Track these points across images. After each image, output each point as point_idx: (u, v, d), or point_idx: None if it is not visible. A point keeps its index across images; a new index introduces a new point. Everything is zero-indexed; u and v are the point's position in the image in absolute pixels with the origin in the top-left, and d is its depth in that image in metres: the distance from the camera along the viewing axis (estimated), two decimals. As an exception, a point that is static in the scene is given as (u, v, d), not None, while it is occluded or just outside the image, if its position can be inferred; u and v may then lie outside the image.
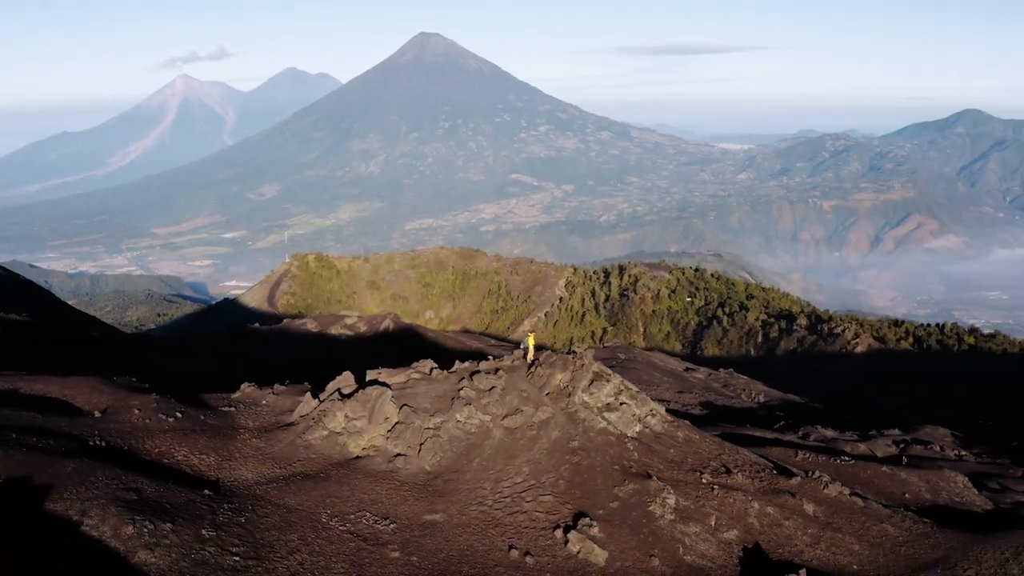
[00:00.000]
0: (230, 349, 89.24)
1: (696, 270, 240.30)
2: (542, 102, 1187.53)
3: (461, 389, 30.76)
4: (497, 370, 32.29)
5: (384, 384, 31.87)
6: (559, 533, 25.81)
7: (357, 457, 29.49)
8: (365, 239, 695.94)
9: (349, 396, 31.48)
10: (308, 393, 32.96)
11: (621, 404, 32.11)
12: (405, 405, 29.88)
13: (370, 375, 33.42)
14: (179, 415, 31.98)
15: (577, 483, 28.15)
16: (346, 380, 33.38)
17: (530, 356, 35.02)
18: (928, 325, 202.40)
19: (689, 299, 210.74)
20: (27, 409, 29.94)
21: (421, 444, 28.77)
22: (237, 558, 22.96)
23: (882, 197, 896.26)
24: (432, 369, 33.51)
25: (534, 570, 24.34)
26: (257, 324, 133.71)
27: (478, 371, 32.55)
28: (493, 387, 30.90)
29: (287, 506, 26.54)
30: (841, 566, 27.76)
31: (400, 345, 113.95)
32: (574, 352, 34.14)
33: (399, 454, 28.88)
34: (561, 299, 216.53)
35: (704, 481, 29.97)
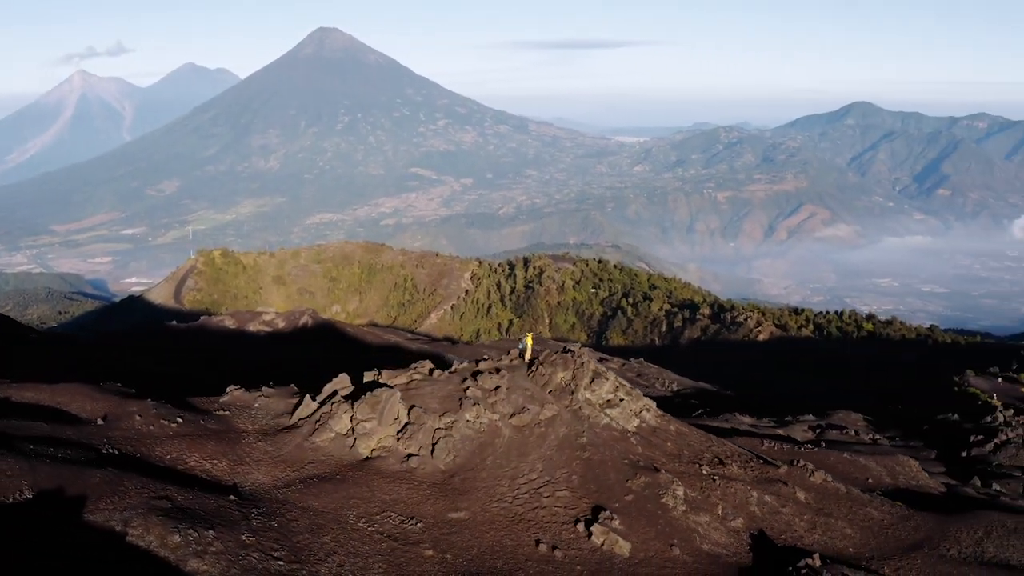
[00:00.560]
0: (174, 349, 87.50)
1: (599, 261, 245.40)
2: (441, 96, 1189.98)
3: (467, 389, 31.40)
4: (499, 370, 32.98)
5: (386, 385, 32.29)
6: (581, 527, 26.77)
7: (367, 458, 29.91)
8: (266, 234, 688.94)
9: (351, 398, 31.78)
10: (307, 396, 33.14)
11: (620, 400, 33.22)
12: (414, 406, 30.38)
13: (367, 376, 33.79)
14: (180, 420, 31.82)
15: (590, 478, 29.14)
16: (342, 382, 33.69)
17: (527, 356, 35.84)
18: (827, 313, 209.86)
19: (593, 290, 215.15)
20: (25, 418, 29.50)
21: (434, 444, 29.36)
22: (281, 562, 23.24)
23: (775, 188, 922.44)
24: (431, 370, 34.04)
25: (564, 563, 25.25)
26: (174, 322, 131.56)
27: (479, 371, 33.20)
28: (498, 387, 31.62)
29: (312, 509, 26.83)
30: (838, 549, 29.35)
31: (321, 341, 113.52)
32: (570, 351, 35.06)
33: (411, 454, 29.42)
34: (467, 292, 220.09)
35: (704, 472, 31.30)
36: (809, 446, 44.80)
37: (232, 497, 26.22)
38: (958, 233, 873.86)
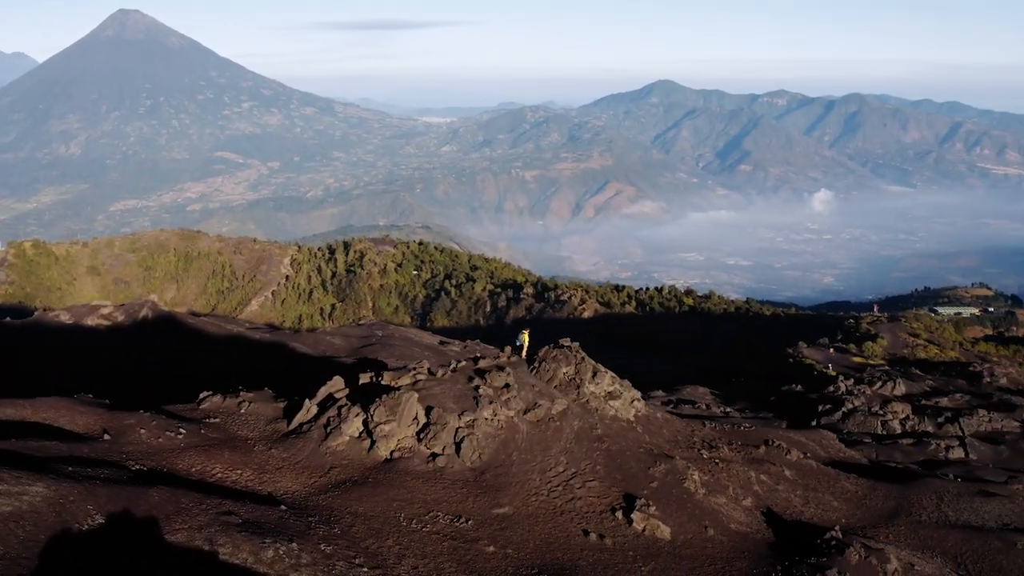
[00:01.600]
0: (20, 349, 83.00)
1: (420, 243, 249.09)
2: (245, 78, 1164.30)
3: (478, 387, 32.01)
4: (503, 368, 33.74)
5: (389, 386, 32.53)
6: (619, 515, 28.09)
7: (388, 460, 30.15)
8: (69, 222, 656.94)
9: (360, 401, 31.86)
10: (306, 400, 32.95)
11: (621, 392, 34.61)
12: (431, 406, 30.82)
13: (363, 378, 33.87)
14: (183, 431, 31.09)
15: (614, 467, 30.48)
16: (336, 384, 33.67)
17: (524, 352, 36.74)
18: (648, 289, 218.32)
19: (416, 272, 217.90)
20: (15, 437, 28.22)
21: (457, 443, 29.89)
22: (365, 569, 23.38)
23: (581, 166, 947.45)
24: (429, 369, 34.42)
25: (616, 550, 26.52)
26: (8, 319, 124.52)
27: (483, 370, 33.86)
28: (507, 384, 32.40)
29: (361, 513, 26.91)
30: (832, 521, 31.87)
31: (166, 335, 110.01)
32: (562, 346, 36.16)
33: (436, 454, 29.85)
34: (287, 277, 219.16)
35: (704, 456, 33.14)
36: (747, 424, 47.46)
37: (283, 507, 26.09)
38: (760, 207, 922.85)
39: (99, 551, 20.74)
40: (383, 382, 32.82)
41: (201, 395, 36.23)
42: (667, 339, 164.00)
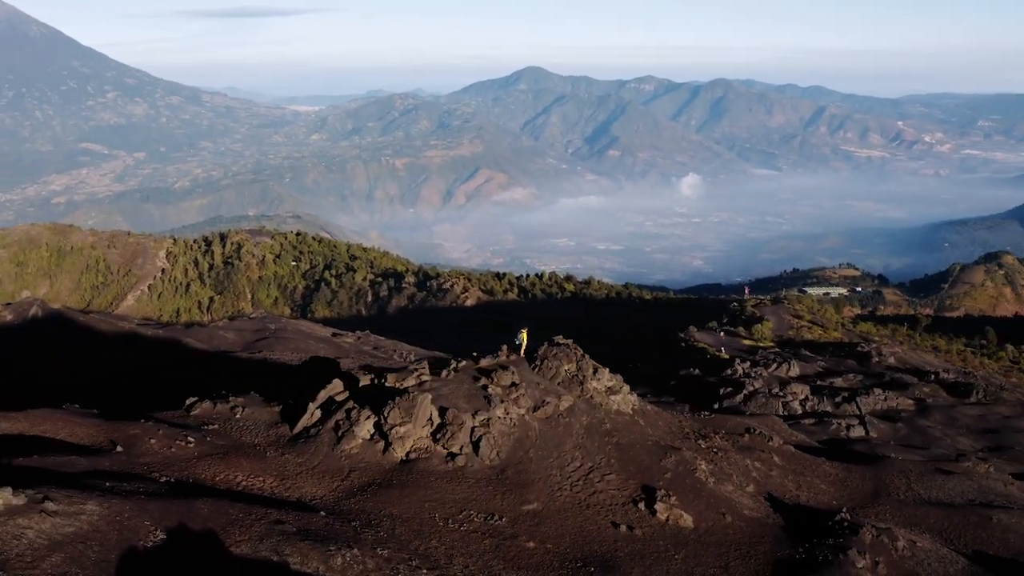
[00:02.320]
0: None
1: (298, 234, 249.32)
2: (109, 68, 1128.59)
3: (487, 387, 32.47)
4: (506, 367, 34.26)
5: (392, 388, 32.69)
6: (642, 506, 29.02)
7: (405, 461, 30.37)
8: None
9: (369, 403, 31.95)
10: (311, 403, 32.85)
11: (620, 387, 35.56)
12: (444, 407, 31.16)
13: (363, 380, 33.90)
14: (191, 440, 30.63)
15: (627, 460, 31.41)
16: (336, 387, 33.62)
17: (523, 351, 37.33)
18: (530, 275, 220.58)
19: (294, 263, 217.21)
20: (33, 452, 27.42)
21: (474, 442, 30.31)
22: (424, 571, 23.65)
23: (451, 153, 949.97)
24: (432, 369, 34.68)
25: (647, 540, 27.47)
26: None
27: (487, 369, 34.31)
28: (514, 383, 32.95)
29: (398, 516, 27.01)
30: (826, 503, 33.57)
31: (56, 333, 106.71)
32: (558, 344, 36.90)
33: (454, 453, 30.21)
34: (164, 271, 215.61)
35: (702, 446, 34.36)
36: (706, 413, 49.03)
37: (322, 513, 26.09)
38: (629, 192, 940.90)
39: (172, 568, 20.55)
40: (387, 384, 32.91)
41: (188, 401, 35.66)
42: (552, 325, 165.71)
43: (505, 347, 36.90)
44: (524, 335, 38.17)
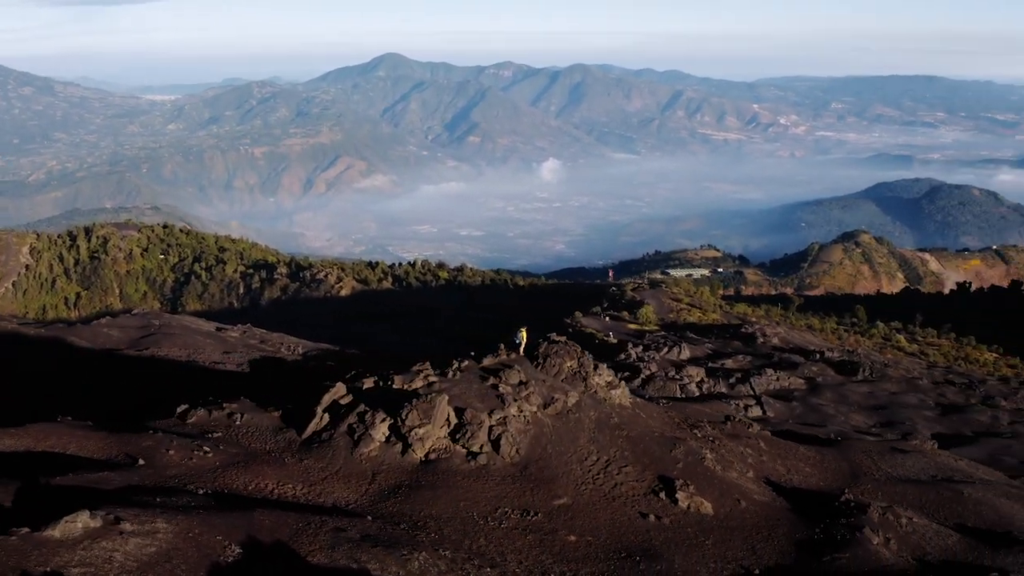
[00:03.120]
0: None
1: (165, 226, 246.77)
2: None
3: (497, 386, 32.99)
4: (511, 366, 34.87)
5: (400, 390, 32.93)
6: (663, 495, 30.12)
7: (425, 461, 30.66)
8: None
9: (379, 404, 32.09)
10: (317, 408, 32.76)
11: (618, 382, 36.60)
12: (460, 407, 31.61)
13: (366, 383, 33.95)
14: (207, 450, 30.20)
15: (640, 452, 32.42)
16: (339, 391, 33.58)
17: (522, 349, 37.90)
18: (402, 264, 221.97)
19: (163, 256, 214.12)
20: (32, 470, 26.66)
21: (493, 440, 30.87)
22: (488, 569, 24.19)
23: (311, 141, 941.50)
24: (437, 370, 34.96)
25: (676, 528, 28.54)
26: None
27: (492, 368, 34.83)
28: (522, 381, 33.60)
29: (439, 516, 27.24)
30: (816, 485, 35.33)
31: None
32: (556, 343, 37.66)
33: (474, 452, 30.69)
34: (28, 267, 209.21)
35: (699, 436, 35.67)
36: (664, 401, 50.55)
37: (369, 518, 26.21)
38: (490, 178, 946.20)
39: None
40: (394, 386, 33.13)
41: (179, 408, 35.02)
42: (430, 314, 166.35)
43: (503, 346, 37.47)
44: (524, 333, 38.70)
